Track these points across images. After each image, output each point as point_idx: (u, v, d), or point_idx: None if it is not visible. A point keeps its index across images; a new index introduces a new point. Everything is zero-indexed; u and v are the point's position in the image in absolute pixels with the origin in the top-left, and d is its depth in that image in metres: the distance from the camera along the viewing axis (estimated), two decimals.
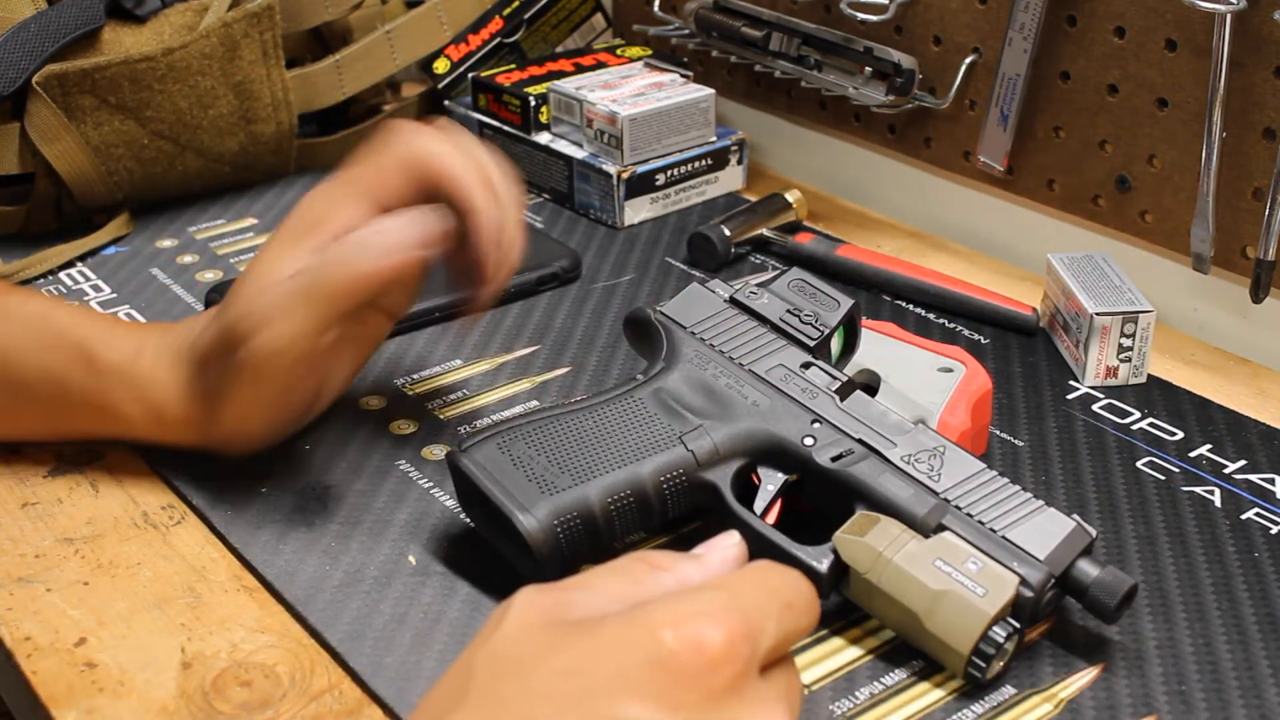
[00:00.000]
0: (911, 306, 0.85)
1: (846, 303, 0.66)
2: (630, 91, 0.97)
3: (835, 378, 0.62)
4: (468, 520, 0.63)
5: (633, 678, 0.40)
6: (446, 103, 1.07)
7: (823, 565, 0.56)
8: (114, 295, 0.85)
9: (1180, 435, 0.72)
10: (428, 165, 0.63)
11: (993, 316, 0.83)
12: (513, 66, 1.04)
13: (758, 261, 0.91)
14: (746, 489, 0.61)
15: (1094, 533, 0.57)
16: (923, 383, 0.68)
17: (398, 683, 0.55)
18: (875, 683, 0.56)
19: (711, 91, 0.98)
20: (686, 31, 1.06)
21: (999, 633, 0.53)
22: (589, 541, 0.58)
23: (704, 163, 0.99)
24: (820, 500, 0.60)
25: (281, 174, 1.02)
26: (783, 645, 0.44)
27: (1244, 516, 0.66)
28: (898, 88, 0.92)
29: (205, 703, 0.54)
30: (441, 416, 0.73)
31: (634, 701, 0.39)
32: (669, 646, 0.40)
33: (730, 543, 0.47)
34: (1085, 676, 0.56)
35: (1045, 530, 0.56)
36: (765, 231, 0.92)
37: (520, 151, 1.01)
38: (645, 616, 0.41)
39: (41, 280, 0.87)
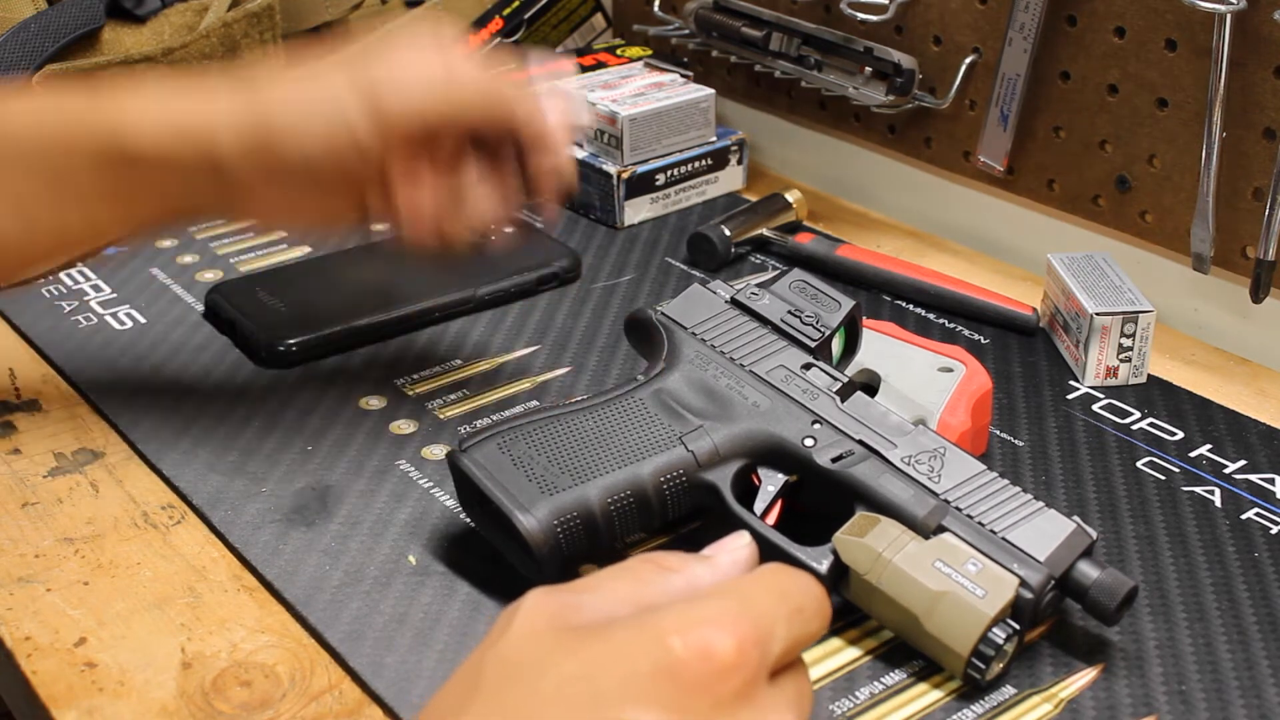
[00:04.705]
0: (911, 306, 0.85)
1: (848, 303, 0.66)
2: (630, 91, 0.97)
3: (836, 379, 0.62)
4: (468, 520, 0.63)
5: (641, 684, 0.39)
6: None
7: (822, 566, 0.56)
8: (114, 295, 0.85)
9: (1180, 435, 0.72)
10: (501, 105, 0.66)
11: (993, 316, 0.83)
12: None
13: (758, 262, 0.91)
14: (747, 490, 0.61)
15: (1094, 534, 0.57)
16: (923, 383, 0.68)
17: (398, 683, 0.55)
18: (875, 683, 0.56)
19: (711, 91, 0.98)
20: (686, 31, 1.06)
21: (998, 634, 0.53)
22: (589, 542, 0.58)
23: (704, 163, 0.99)
24: (820, 501, 0.60)
25: None
26: (793, 650, 0.44)
27: (1244, 516, 0.66)
28: (898, 88, 0.92)
29: (205, 703, 0.54)
30: (441, 416, 0.73)
31: (642, 708, 0.39)
32: (678, 654, 0.40)
33: (741, 544, 0.46)
34: (1085, 677, 0.56)
35: (1045, 531, 0.56)
36: (765, 231, 0.91)
37: None
38: (654, 622, 0.41)
39: (41, 280, 0.87)
